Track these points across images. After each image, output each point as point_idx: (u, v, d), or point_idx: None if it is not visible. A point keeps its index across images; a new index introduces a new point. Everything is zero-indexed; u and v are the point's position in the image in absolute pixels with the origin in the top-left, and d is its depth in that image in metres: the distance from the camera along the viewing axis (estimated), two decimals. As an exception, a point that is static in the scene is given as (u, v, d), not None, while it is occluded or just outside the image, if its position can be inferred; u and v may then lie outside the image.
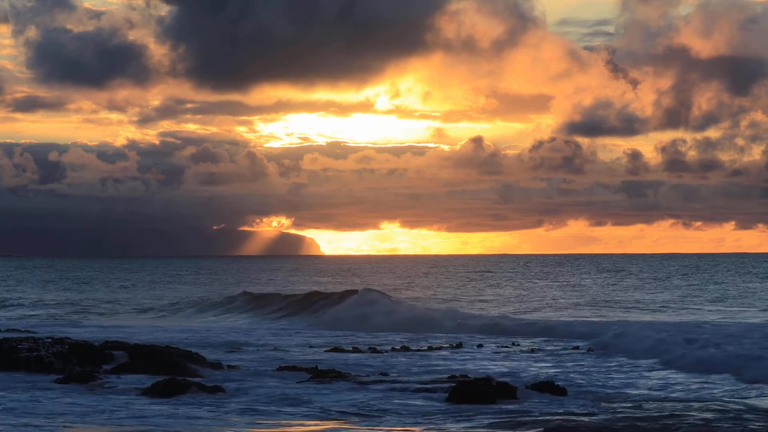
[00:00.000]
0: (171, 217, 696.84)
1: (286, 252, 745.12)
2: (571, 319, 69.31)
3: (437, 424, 25.04)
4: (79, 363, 36.17)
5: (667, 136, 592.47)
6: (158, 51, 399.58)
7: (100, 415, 26.30)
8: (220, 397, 29.83)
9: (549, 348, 47.51)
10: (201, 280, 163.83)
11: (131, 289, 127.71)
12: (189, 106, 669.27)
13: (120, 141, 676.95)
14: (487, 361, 41.75)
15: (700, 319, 68.14)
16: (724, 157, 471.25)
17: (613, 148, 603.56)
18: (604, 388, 32.23)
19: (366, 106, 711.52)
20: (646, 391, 31.51)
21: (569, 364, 40.14)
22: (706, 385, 32.78)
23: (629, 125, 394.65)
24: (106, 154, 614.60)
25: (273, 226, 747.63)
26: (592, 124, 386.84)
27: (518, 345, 49.47)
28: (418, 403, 28.82)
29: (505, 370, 38.10)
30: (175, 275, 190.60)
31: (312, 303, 75.21)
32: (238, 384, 32.79)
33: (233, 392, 30.66)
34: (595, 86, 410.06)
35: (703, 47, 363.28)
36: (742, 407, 27.56)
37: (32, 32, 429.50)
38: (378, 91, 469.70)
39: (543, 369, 38.33)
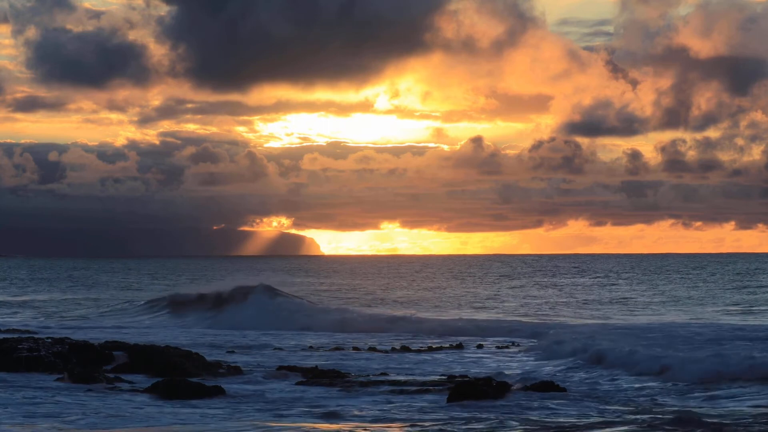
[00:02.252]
0: (171, 217, 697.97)
1: (286, 252, 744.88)
2: (569, 320, 69.31)
3: (437, 425, 25.03)
4: (79, 363, 36.19)
5: (666, 136, 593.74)
6: (158, 51, 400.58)
7: (100, 415, 26.30)
8: (220, 397, 29.83)
9: (549, 348, 47.44)
10: (167, 281, 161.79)
11: (76, 291, 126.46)
12: (189, 106, 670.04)
13: (120, 141, 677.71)
14: (486, 361, 41.79)
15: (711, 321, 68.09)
16: (724, 157, 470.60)
17: (612, 148, 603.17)
18: (605, 388, 32.24)
19: (366, 106, 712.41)
20: (648, 392, 31.53)
21: (569, 363, 40.11)
22: (706, 388, 32.81)
23: (629, 125, 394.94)
24: (106, 154, 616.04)
25: (273, 226, 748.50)
26: (591, 124, 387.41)
27: (518, 345, 49.52)
28: (418, 403, 28.82)
29: (505, 370, 38.08)
30: (137, 275, 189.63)
31: (214, 301, 74.81)
32: (237, 384, 32.82)
33: (233, 392, 30.66)
34: (594, 86, 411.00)
35: (702, 47, 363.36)
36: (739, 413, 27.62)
37: (32, 32, 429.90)
38: (378, 91, 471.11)
39: (543, 368, 38.32)
